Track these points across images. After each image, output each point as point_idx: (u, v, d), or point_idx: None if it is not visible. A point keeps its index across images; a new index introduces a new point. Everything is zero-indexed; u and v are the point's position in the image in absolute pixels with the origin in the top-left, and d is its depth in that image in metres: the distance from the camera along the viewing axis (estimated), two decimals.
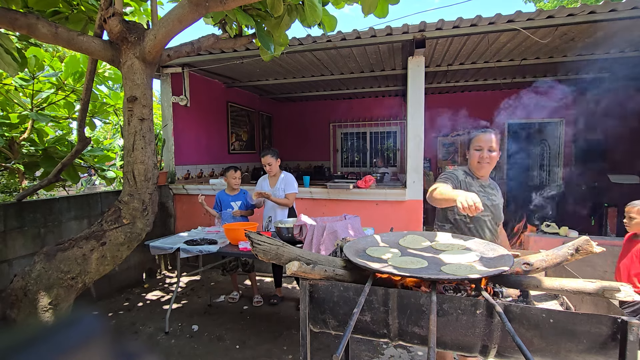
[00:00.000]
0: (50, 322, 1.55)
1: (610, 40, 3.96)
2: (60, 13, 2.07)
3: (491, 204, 2.01)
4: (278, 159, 3.57)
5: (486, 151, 1.98)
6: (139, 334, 3.18)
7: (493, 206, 2.01)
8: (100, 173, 3.61)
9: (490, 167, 2.02)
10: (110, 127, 9.29)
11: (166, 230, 4.90)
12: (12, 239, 3.16)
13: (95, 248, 1.71)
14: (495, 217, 2.02)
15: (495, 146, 1.99)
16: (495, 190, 2.09)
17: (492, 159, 1.99)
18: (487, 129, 2.06)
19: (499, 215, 2.04)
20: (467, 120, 7.25)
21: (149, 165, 1.86)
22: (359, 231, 2.89)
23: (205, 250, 2.96)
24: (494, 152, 1.99)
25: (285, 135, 8.53)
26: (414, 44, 3.83)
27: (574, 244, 1.33)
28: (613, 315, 1.05)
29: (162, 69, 4.96)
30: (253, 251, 1.42)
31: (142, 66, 1.80)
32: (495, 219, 2.03)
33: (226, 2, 1.64)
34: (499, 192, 2.10)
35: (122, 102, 1.98)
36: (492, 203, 2.02)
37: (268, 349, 2.87)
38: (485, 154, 1.98)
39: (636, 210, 2.36)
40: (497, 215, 2.03)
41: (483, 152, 1.99)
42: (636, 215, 2.36)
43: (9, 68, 1.94)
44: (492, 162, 2.00)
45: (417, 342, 1.22)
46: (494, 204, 2.02)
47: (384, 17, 1.93)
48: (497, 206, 2.03)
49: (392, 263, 1.39)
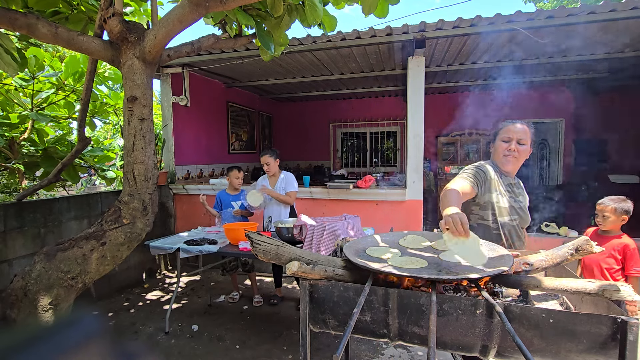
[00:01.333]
0: (50, 322, 1.55)
1: (610, 40, 3.96)
2: (60, 13, 2.07)
3: (518, 207, 1.80)
4: (277, 159, 3.56)
5: (515, 143, 1.78)
6: (139, 334, 3.18)
7: (520, 209, 1.81)
8: (100, 173, 3.62)
9: (517, 163, 1.81)
10: (110, 127, 9.30)
11: (166, 230, 4.90)
12: (12, 239, 3.16)
13: (95, 248, 1.71)
14: (522, 220, 1.82)
15: (528, 139, 1.79)
16: (521, 190, 1.90)
17: (521, 153, 1.79)
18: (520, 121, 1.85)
19: (526, 219, 1.82)
20: (467, 120, 7.26)
21: (149, 165, 1.86)
22: (359, 231, 2.89)
23: (205, 250, 2.96)
24: (525, 145, 1.78)
25: (285, 135, 8.53)
26: (414, 44, 3.83)
27: (573, 244, 1.33)
28: (613, 315, 1.05)
29: (162, 69, 4.96)
30: (253, 251, 1.42)
31: (142, 66, 1.80)
32: (523, 222, 1.82)
33: (226, 2, 1.64)
34: (524, 191, 1.90)
35: (122, 102, 1.98)
36: (520, 205, 1.81)
37: (268, 349, 2.87)
38: (513, 146, 1.77)
39: (610, 209, 2.37)
40: (525, 218, 1.82)
41: (511, 144, 1.78)
42: (610, 214, 2.38)
43: (9, 68, 1.94)
44: (520, 156, 1.79)
45: (417, 342, 1.22)
46: (521, 206, 1.82)
47: (384, 17, 1.93)
48: (523, 208, 1.82)
49: (392, 263, 1.39)
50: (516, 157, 1.79)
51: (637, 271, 2.29)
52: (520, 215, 1.80)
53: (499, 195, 1.77)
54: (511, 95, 7.02)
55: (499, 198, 1.77)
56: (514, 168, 1.83)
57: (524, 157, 1.81)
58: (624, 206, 2.37)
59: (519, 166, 1.84)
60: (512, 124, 1.84)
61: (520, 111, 7.05)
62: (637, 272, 2.29)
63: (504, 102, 7.04)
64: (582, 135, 6.73)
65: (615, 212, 2.37)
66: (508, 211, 1.77)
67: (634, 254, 2.32)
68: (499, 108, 7.08)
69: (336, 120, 8.22)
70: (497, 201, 1.77)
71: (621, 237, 2.41)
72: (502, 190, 1.78)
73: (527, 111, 7.03)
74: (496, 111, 7.08)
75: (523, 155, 1.80)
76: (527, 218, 1.82)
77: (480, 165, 1.84)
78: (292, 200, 3.51)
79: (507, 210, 1.77)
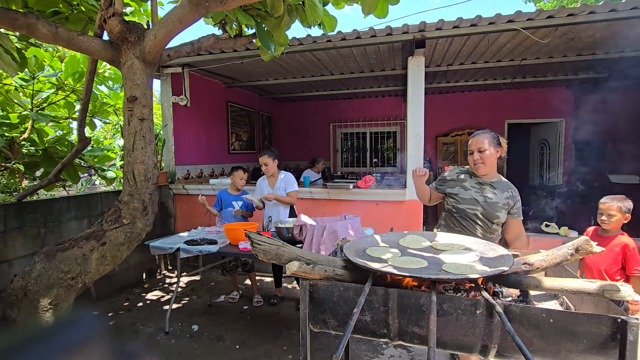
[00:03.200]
0: (50, 322, 1.55)
1: (610, 40, 3.96)
2: (60, 13, 2.07)
3: (483, 200, 2.11)
4: (276, 160, 3.54)
5: (476, 153, 2.11)
6: (139, 334, 3.18)
7: (485, 202, 2.11)
8: (100, 173, 3.62)
9: (487, 167, 2.11)
10: (110, 127, 9.30)
11: (166, 230, 4.90)
12: (12, 239, 3.16)
13: (95, 248, 1.71)
14: (485, 212, 2.10)
15: (487, 146, 2.09)
16: (497, 189, 2.13)
17: (484, 158, 2.09)
18: (478, 132, 2.18)
19: (492, 213, 2.10)
20: (467, 121, 7.26)
21: (149, 165, 1.86)
22: (359, 231, 2.89)
23: (205, 250, 2.96)
24: (485, 151, 2.09)
25: (285, 135, 8.53)
26: (414, 44, 3.83)
27: (573, 244, 1.33)
28: (613, 315, 1.05)
29: (162, 69, 4.96)
30: (253, 251, 1.42)
31: (142, 66, 1.80)
32: (487, 215, 2.11)
33: (226, 2, 1.64)
34: (504, 193, 2.11)
35: (122, 102, 1.98)
36: (485, 200, 2.11)
37: (268, 349, 2.87)
38: (476, 156, 2.11)
39: (616, 208, 2.35)
40: (489, 212, 2.10)
41: (474, 155, 2.12)
42: (616, 213, 2.35)
43: (9, 68, 1.94)
44: (485, 161, 2.10)
45: (417, 342, 1.22)
46: (486, 200, 2.11)
47: (384, 17, 1.93)
48: (490, 203, 2.10)
49: (392, 263, 1.39)
50: (482, 162, 2.11)
51: (638, 271, 2.28)
52: (483, 207, 2.11)
53: (461, 189, 2.19)
54: (511, 96, 7.02)
55: (460, 191, 2.18)
56: (486, 171, 2.14)
57: (490, 159, 2.10)
58: (628, 205, 2.37)
59: (491, 167, 2.13)
60: (473, 137, 2.17)
61: (521, 111, 7.06)
62: (638, 272, 2.28)
63: (504, 102, 7.04)
64: (582, 135, 6.73)
65: (621, 210, 2.35)
66: (467, 201, 2.15)
67: (634, 253, 2.31)
68: (499, 108, 7.09)
69: (336, 120, 8.22)
70: (457, 193, 2.20)
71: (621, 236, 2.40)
72: (466, 185, 2.18)
73: (527, 111, 7.03)
74: (496, 111, 7.09)
75: (488, 159, 2.10)
76: (491, 211, 2.10)
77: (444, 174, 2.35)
78: (294, 201, 3.51)
79: (467, 200, 2.15)
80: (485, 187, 2.15)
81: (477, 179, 2.18)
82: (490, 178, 2.17)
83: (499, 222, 2.14)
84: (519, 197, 2.16)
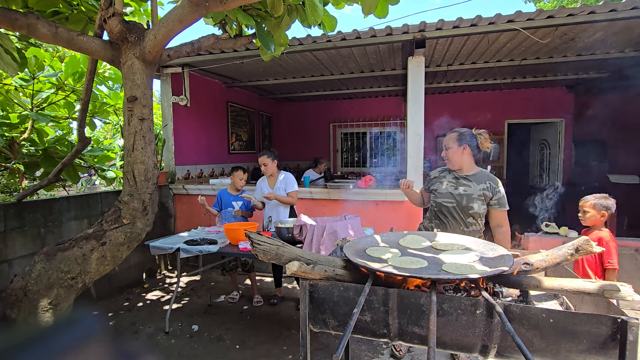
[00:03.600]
0: (50, 322, 1.55)
1: (610, 40, 3.96)
2: (60, 13, 2.07)
3: (457, 193, 2.29)
4: (275, 160, 3.53)
5: (444, 150, 2.38)
6: (139, 334, 3.18)
7: (459, 195, 2.28)
8: (100, 173, 3.62)
9: (452, 161, 2.34)
10: (110, 127, 9.30)
11: (166, 230, 4.90)
12: (12, 239, 3.16)
13: (95, 248, 1.71)
14: (459, 204, 2.27)
15: (451, 144, 2.32)
16: (472, 182, 2.28)
17: (449, 155, 2.34)
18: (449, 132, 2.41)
19: (466, 205, 2.25)
20: (467, 121, 7.25)
21: (149, 165, 1.86)
22: (359, 231, 2.89)
23: (205, 250, 2.96)
24: (450, 148, 2.33)
25: (285, 135, 8.53)
26: (414, 44, 3.83)
27: (573, 244, 1.33)
28: (613, 315, 1.05)
29: (162, 69, 4.96)
30: (253, 251, 1.42)
31: (142, 66, 1.80)
32: (461, 207, 2.27)
33: (226, 2, 1.64)
34: (481, 185, 2.26)
35: (122, 102, 1.98)
36: (458, 192, 2.29)
37: (268, 349, 2.87)
38: (443, 153, 2.39)
39: (589, 205, 2.46)
40: (463, 204, 2.26)
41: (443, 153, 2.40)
42: (589, 209, 2.46)
43: (9, 68, 1.94)
44: (450, 157, 2.34)
45: (417, 342, 1.22)
46: (460, 193, 2.28)
47: (384, 18, 1.93)
48: (463, 195, 2.26)
49: (392, 263, 1.39)
50: (449, 158, 2.35)
51: (611, 264, 2.34)
52: (457, 200, 2.29)
53: (440, 185, 2.40)
54: (511, 96, 7.02)
55: (439, 186, 2.39)
56: (454, 165, 2.35)
57: (454, 156, 2.32)
58: (603, 202, 2.44)
59: (458, 163, 2.33)
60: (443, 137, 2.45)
61: (521, 111, 7.06)
62: (611, 264, 2.34)
63: (504, 102, 7.04)
64: (582, 135, 6.73)
65: (594, 207, 2.44)
66: (444, 195, 2.35)
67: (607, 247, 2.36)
68: (499, 108, 7.08)
69: (336, 120, 8.22)
70: (436, 188, 2.41)
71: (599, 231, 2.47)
72: (444, 181, 2.38)
73: (527, 111, 7.03)
74: (496, 111, 7.09)
75: (452, 155, 2.33)
76: (465, 203, 2.26)
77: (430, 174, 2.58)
78: (294, 201, 3.51)
79: (443, 194, 2.35)
80: (460, 180, 2.32)
81: (454, 174, 2.36)
82: (466, 172, 2.33)
83: (475, 214, 2.25)
84: (499, 188, 2.25)
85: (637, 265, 3.25)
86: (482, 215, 2.28)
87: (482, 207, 2.24)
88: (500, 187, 2.25)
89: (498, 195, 2.23)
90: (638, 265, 3.24)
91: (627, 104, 5.78)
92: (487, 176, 2.30)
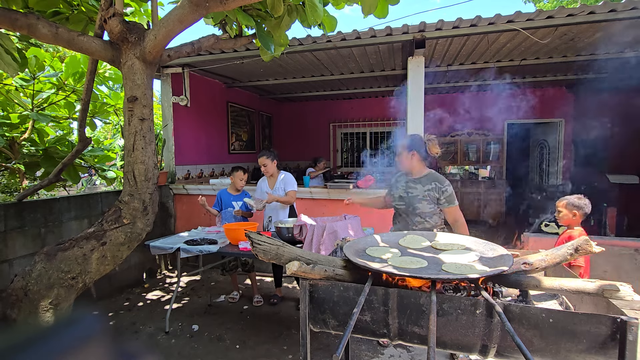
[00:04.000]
0: (51, 322, 1.55)
1: (610, 40, 3.96)
2: (60, 13, 2.08)
3: (406, 195, 2.47)
4: (275, 160, 3.53)
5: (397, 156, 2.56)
6: (139, 334, 3.18)
7: (407, 197, 2.46)
8: (101, 173, 3.62)
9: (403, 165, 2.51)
10: (111, 127, 9.30)
11: (166, 230, 4.90)
12: (12, 239, 3.16)
13: (95, 248, 1.71)
14: (407, 206, 2.46)
15: (401, 149, 2.49)
16: (418, 185, 2.45)
17: (399, 159, 2.53)
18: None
19: (412, 205, 2.43)
20: (467, 121, 7.25)
21: (149, 165, 1.87)
22: (359, 231, 2.89)
23: (205, 250, 2.96)
24: (400, 154, 2.50)
25: (285, 135, 8.53)
26: (413, 44, 3.83)
27: (573, 243, 1.33)
28: (612, 315, 1.05)
29: (162, 69, 4.96)
30: (253, 251, 1.42)
31: (142, 66, 1.80)
32: (408, 208, 2.45)
33: (226, 3, 1.65)
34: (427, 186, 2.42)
35: (123, 102, 1.98)
36: (407, 194, 2.47)
37: (268, 349, 2.87)
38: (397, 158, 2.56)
39: (562, 204, 2.57)
40: (410, 205, 2.44)
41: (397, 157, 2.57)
42: (562, 209, 2.56)
43: (9, 68, 1.95)
44: (400, 162, 2.53)
45: (417, 341, 1.22)
46: (408, 195, 2.46)
47: (384, 18, 1.93)
48: (410, 197, 2.45)
49: (392, 263, 1.39)
50: (400, 162, 2.53)
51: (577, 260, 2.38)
52: (405, 202, 2.47)
53: (396, 190, 2.57)
54: (511, 96, 7.02)
55: (395, 191, 2.58)
56: (405, 168, 2.53)
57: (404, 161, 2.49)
58: (575, 202, 2.54)
59: (407, 166, 2.50)
60: None
61: (520, 111, 7.05)
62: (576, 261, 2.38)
63: (503, 102, 7.04)
64: (581, 135, 6.72)
65: (566, 206, 2.54)
66: (397, 199, 2.55)
67: None
68: (498, 108, 7.08)
69: (336, 120, 8.22)
70: (393, 193, 2.60)
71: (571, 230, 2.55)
72: (399, 186, 2.55)
73: (527, 111, 7.03)
74: (496, 111, 7.09)
75: (402, 161, 2.51)
76: (411, 203, 2.43)
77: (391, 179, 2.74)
78: (293, 200, 3.51)
79: (396, 198, 2.55)
80: (409, 183, 2.49)
81: (406, 177, 2.54)
82: (415, 175, 2.50)
83: (422, 213, 2.41)
84: (445, 188, 2.38)
85: (637, 265, 3.25)
86: (431, 213, 2.41)
87: (428, 207, 2.39)
88: (446, 187, 2.38)
89: (445, 194, 2.37)
90: (638, 265, 3.24)
91: (627, 104, 5.78)
92: (434, 177, 2.44)
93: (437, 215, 2.44)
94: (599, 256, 2.49)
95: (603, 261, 3.36)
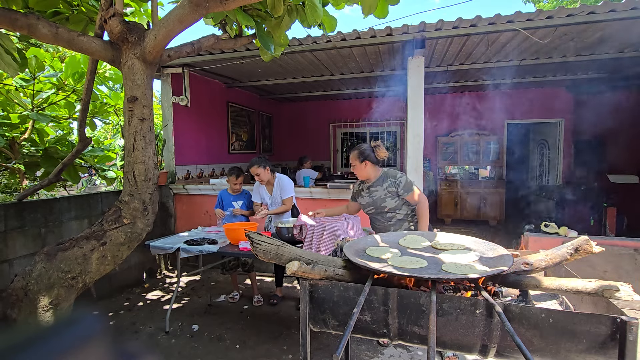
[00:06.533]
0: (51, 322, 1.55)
1: (610, 40, 3.96)
2: (60, 14, 2.08)
3: (372, 200, 2.63)
4: (267, 167, 3.46)
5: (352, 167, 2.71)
6: (139, 334, 3.18)
7: (373, 201, 2.62)
8: (101, 173, 3.62)
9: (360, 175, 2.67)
10: (111, 127, 9.30)
11: (166, 230, 4.90)
12: (12, 239, 3.16)
13: (95, 248, 1.71)
14: (377, 208, 2.61)
15: (354, 161, 2.65)
16: (378, 186, 2.60)
17: (355, 170, 2.69)
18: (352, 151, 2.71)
19: (380, 205, 2.59)
20: (467, 121, 7.26)
21: (150, 165, 1.86)
22: (359, 231, 2.89)
23: (205, 250, 2.96)
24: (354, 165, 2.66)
25: (285, 135, 8.53)
26: (413, 44, 3.83)
27: (573, 243, 1.33)
28: (612, 315, 1.05)
29: (162, 69, 4.96)
30: (253, 251, 1.42)
31: (142, 66, 1.80)
32: (378, 209, 2.62)
33: (226, 3, 1.65)
34: (384, 184, 2.58)
35: (123, 102, 1.98)
36: (372, 199, 2.62)
37: (268, 348, 2.87)
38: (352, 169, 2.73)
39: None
40: (375, 205, 2.61)
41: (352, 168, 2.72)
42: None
43: (9, 68, 1.95)
44: (356, 172, 2.69)
45: (416, 341, 1.22)
46: (373, 198, 2.62)
47: (384, 18, 1.93)
48: (375, 199, 2.60)
49: (392, 263, 1.39)
50: (357, 173, 2.68)
51: None
52: (373, 205, 2.63)
53: (361, 198, 2.74)
54: (511, 96, 7.02)
55: (360, 200, 2.76)
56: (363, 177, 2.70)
57: (360, 171, 2.66)
58: None
59: (364, 175, 2.67)
60: None
61: (520, 111, 7.06)
62: None
63: (503, 102, 7.04)
64: (581, 135, 6.73)
65: None
66: (365, 206, 2.70)
67: None
68: (498, 108, 7.08)
69: (336, 120, 8.22)
70: (361, 202, 2.76)
71: None
72: (362, 194, 2.72)
73: (527, 111, 7.03)
74: (496, 111, 7.09)
75: (358, 171, 2.67)
76: (379, 204, 2.59)
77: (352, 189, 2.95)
78: (288, 208, 3.49)
79: (365, 205, 2.70)
80: (371, 188, 2.65)
81: (365, 184, 2.71)
82: (374, 179, 2.66)
83: (390, 209, 2.58)
84: (399, 179, 2.56)
85: (637, 265, 3.24)
86: (398, 206, 2.59)
87: (393, 202, 2.56)
88: (399, 178, 2.56)
89: (401, 185, 2.54)
90: (638, 265, 3.24)
91: (627, 104, 5.78)
92: (388, 174, 2.62)
93: (405, 205, 2.61)
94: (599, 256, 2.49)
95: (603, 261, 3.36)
